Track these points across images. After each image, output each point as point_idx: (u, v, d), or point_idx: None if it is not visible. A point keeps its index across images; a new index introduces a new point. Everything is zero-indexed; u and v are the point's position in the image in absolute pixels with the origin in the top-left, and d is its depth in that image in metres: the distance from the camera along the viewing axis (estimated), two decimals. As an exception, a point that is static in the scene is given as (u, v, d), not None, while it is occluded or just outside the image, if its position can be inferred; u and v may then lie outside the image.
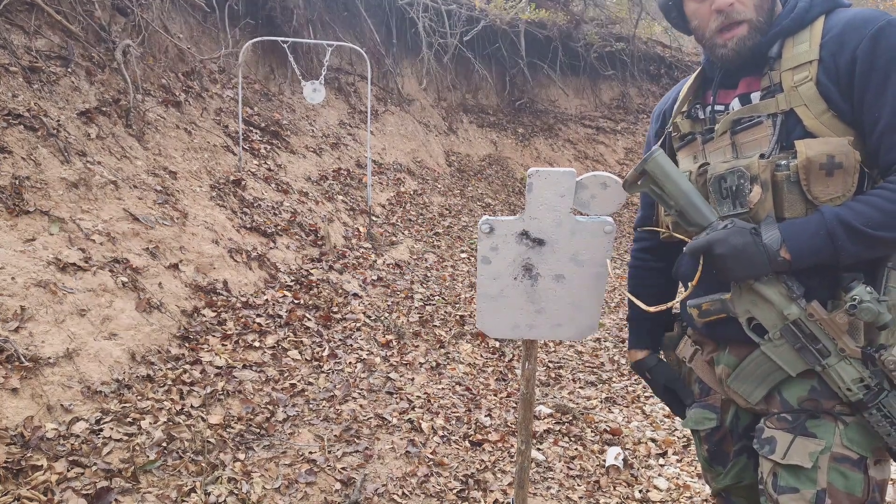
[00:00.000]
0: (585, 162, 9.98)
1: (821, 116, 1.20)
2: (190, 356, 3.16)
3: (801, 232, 1.18)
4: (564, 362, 4.35)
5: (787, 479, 1.23)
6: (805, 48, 1.24)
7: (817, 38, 1.24)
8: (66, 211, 3.32)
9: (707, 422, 1.43)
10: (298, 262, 4.60)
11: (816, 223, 1.17)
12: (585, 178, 1.50)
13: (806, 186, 1.19)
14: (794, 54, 1.25)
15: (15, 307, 2.68)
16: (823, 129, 1.20)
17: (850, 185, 1.18)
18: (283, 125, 6.14)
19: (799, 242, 1.17)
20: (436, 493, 2.70)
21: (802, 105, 1.22)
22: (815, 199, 1.19)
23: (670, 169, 1.30)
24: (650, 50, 11.97)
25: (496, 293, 1.60)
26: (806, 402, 1.25)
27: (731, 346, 1.35)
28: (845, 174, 1.17)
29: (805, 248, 1.17)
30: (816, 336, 1.21)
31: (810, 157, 1.17)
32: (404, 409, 3.32)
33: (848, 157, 1.17)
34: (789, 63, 1.25)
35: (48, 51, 4.04)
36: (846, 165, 1.17)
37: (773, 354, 1.25)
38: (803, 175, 1.19)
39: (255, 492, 2.45)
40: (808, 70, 1.22)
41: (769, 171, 1.22)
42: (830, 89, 1.20)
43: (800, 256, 1.18)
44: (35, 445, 2.28)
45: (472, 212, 7.39)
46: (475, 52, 9.42)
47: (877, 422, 1.18)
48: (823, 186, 1.18)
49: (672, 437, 3.38)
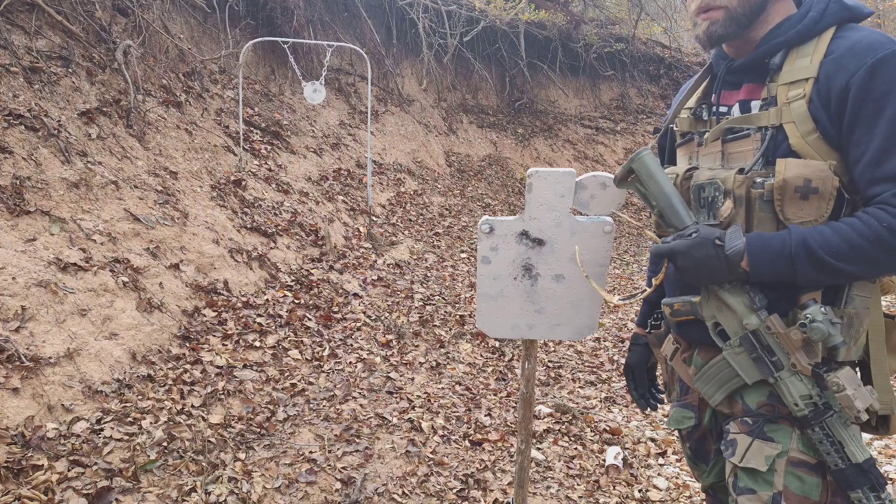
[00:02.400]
0: (585, 162, 9.99)
1: (807, 136, 1.18)
2: (190, 356, 3.16)
3: (764, 247, 1.17)
4: (564, 362, 4.36)
5: (746, 480, 1.25)
6: (806, 63, 1.20)
7: (820, 55, 1.20)
8: (66, 211, 3.32)
9: (686, 421, 1.44)
10: (299, 262, 4.60)
11: (781, 242, 1.16)
12: (585, 178, 1.51)
13: (779, 207, 1.18)
14: (794, 68, 1.22)
15: (16, 307, 2.68)
16: (808, 149, 1.18)
17: (823, 210, 1.17)
18: (283, 125, 6.15)
19: (760, 258, 1.17)
20: (436, 493, 2.71)
21: (791, 122, 1.19)
22: (786, 220, 1.18)
23: (655, 170, 1.31)
24: (650, 50, 11.99)
25: (496, 293, 1.61)
26: (764, 407, 1.26)
27: (700, 348, 1.38)
28: (820, 199, 1.16)
29: (765, 265, 1.17)
30: (772, 348, 1.22)
31: (787, 178, 1.16)
32: (404, 408, 3.33)
33: (826, 182, 1.15)
34: (787, 77, 1.22)
35: (49, 51, 4.05)
36: (822, 191, 1.15)
37: (733, 361, 1.26)
38: (777, 196, 1.18)
39: (256, 491, 2.45)
40: (803, 87, 1.19)
41: (745, 187, 1.21)
42: (820, 111, 1.17)
43: (758, 271, 1.18)
44: (36, 445, 2.29)
45: (472, 212, 7.40)
46: (475, 53, 9.43)
47: (818, 440, 1.19)
48: (797, 209, 1.17)
49: (671, 437, 3.38)
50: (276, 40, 6.01)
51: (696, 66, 12.49)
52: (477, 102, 9.86)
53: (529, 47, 9.87)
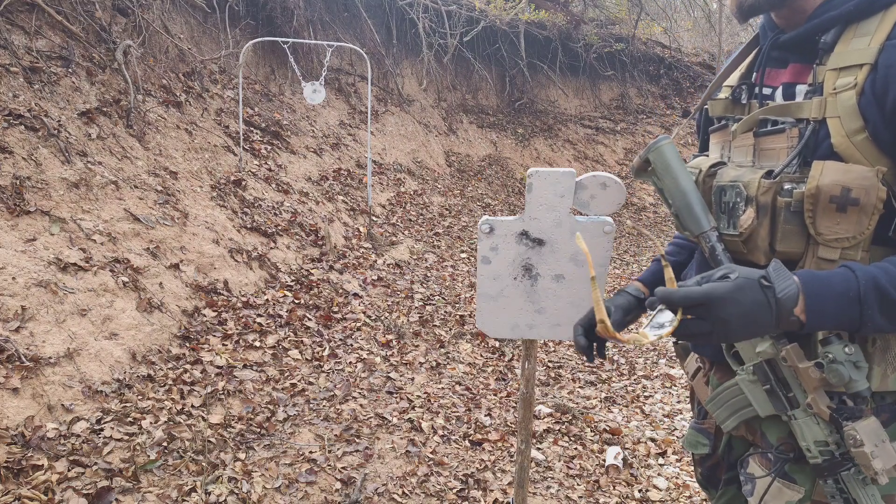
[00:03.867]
0: (585, 162, 9.99)
1: (853, 136, 0.96)
2: (190, 356, 3.16)
3: (825, 289, 0.92)
4: (564, 362, 4.36)
5: None
6: (863, 45, 0.96)
7: (882, 36, 0.95)
8: (66, 211, 3.32)
9: (701, 447, 1.30)
10: (299, 262, 4.60)
11: (844, 281, 0.92)
12: (585, 178, 1.51)
13: (811, 220, 0.98)
14: (849, 50, 0.98)
15: (16, 307, 2.68)
16: (853, 151, 0.96)
17: (865, 226, 0.95)
18: (283, 125, 6.15)
19: (821, 303, 0.92)
20: (436, 493, 2.71)
21: (836, 117, 0.97)
22: (817, 236, 0.98)
23: (673, 163, 1.13)
24: (649, 50, 11.99)
25: (496, 293, 1.61)
26: (784, 445, 1.10)
27: (717, 367, 1.23)
28: (861, 213, 0.95)
29: (828, 312, 0.92)
30: (789, 382, 1.04)
31: (821, 185, 0.95)
32: (404, 408, 3.33)
33: (869, 193, 0.93)
34: (838, 60, 0.99)
35: (49, 51, 4.05)
36: (864, 203, 0.94)
37: (746, 389, 1.10)
38: (808, 205, 0.97)
39: (256, 491, 2.45)
40: (856, 75, 0.96)
41: (771, 194, 1.02)
42: (873, 107, 0.94)
43: (819, 320, 0.92)
44: (36, 445, 2.29)
45: (472, 212, 7.40)
46: (475, 53, 9.43)
47: (831, 494, 1.01)
48: (832, 223, 0.96)
49: (671, 437, 3.39)
50: (276, 40, 6.01)
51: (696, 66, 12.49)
52: (477, 102, 9.87)
53: (529, 47, 9.87)
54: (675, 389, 4.02)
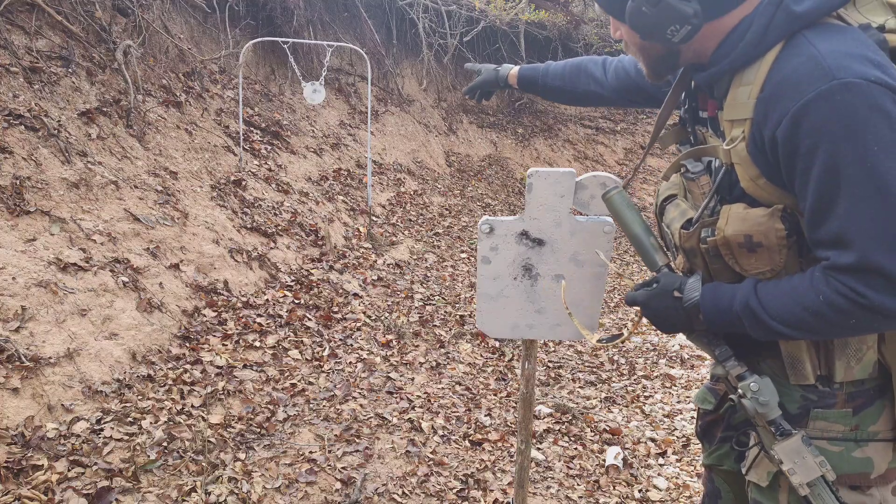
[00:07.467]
0: (585, 162, 9.99)
1: (756, 180, 1.05)
2: (190, 356, 3.16)
3: (717, 302, 1.11)
4: (564, 362, 4.36)
5: (755, 493, 1.24)
6: (745, 96, 1.03)
7: (758, 87, 1.01)
8: (66, 211, 3.32)
9: (706, 403, 1.43)
10: (299, 262, 4.60)
11: (729, 299, 1.10)
12: (585, 178, 1.51)
13: (732, 261, 1.10)
14: (736, 102, 1.05)
15: (16, 307, 2.68)
16: (761, 192, 1.05)
17: (777, 260, 1.06)
18: (283, 125, 6.15)
19: (713, 314, 1.12)
20: (436, 493, 2.71)
21: (740, 164, 1.06)
22: (743, 272, 1.10)
23: (622, 211, 1.30)
24: (650, 50, 11.99)
25: (496, 293, 1.61)
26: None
27: None
28: (769, 251, 1.05)
29: (719, 321, 1.12)
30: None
31: (728, 236, 1.07)
32: (404, 408, 3.33)
33: (768, 235, 1.04)
34: (730, 112, 1.06)
35: (49, 51, 4.05)
36: (767, 244, 1.05)
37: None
38: (724, 251, 1.10)
39: (256, 491, 2.45)
40: (743, 128, 1.04)
41: (694, 240, 1.15)
42: (759, 157, 1.03)
43: (715, 326, 1.13)
44: (36, 445, 2.29)
45: (472, 212, 7.40)
46: (475, 53, 9.43)
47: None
48: (749, 261, 1.08)
49: (671, 437, 3.39)
50: (276, 40, 6.01)
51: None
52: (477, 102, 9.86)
53: (529, 47, 9.87)
54: (675, 389, 4.02)
